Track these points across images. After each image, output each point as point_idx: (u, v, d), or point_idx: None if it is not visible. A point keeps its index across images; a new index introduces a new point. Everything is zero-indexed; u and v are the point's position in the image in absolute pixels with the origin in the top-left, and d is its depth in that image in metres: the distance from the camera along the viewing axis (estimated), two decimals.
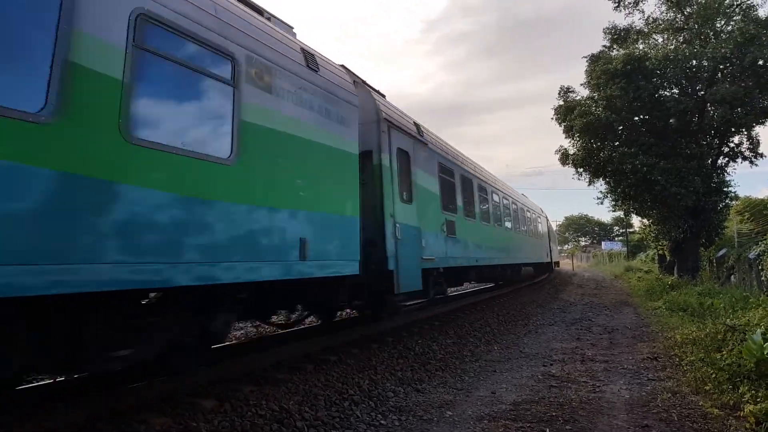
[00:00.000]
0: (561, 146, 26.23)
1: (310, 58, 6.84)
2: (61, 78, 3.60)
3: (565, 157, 25.76)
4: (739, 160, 24.20)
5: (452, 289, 15.81)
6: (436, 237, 10.71)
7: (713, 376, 6.25)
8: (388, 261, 8.23)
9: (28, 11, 3.53)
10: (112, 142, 3.93)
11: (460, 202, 12.83)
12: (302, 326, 9.96)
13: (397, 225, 8.71)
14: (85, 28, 3.80)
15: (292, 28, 7.27)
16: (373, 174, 8.53)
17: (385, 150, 8.81)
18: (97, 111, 3.85)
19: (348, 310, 11.48)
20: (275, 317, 9.64)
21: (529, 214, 24.27)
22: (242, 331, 9.98)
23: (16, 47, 3.48)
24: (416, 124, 10.89)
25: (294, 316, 9.75)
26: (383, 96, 9.94)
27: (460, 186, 13.05)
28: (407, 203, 9.37)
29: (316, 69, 6.89)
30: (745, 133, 23.48)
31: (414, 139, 10.23)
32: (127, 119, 4.06)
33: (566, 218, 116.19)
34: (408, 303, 9.34)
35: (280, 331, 9.42)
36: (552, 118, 25.77)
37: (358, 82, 8.95)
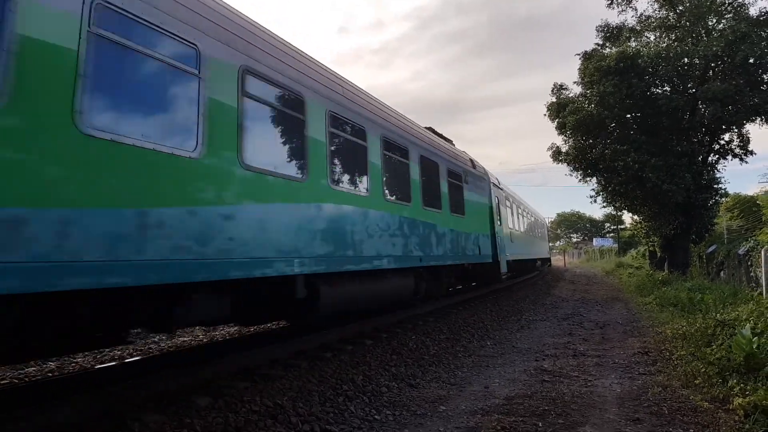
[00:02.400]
0: (553, 143, 26.38)
1: (472, 162, 14.83)
2: None
3: (557, 155, 25.89)
4: (730, 157, 24.41)
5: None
6: (508, 243, 18.12)
7: (703, 370, 6.33)
8: (498, 255, 15.72)
9: None
10: None
11: (515, 220, 21.32)
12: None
13: (497, 237, 15.86)
14: None
15: (451, 141, 14.57)
16: (489, 212, 15.83)
17: (493, 199, 16.31)
18: None
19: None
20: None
21: (539, 222, 33.40)
22: (235, 328, 9.98)
23: None
24: (497, 179, 18.18)
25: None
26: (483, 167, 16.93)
27: (512, 210, 20.65)
28: (498, 225, 16.52)
29: (474, 167, 14.96)
30: (736, 130, 23.68)
31: (498, 189, 17.82)
32: None
33: (558, 215, 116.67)
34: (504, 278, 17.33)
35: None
36: (545, 115, 25.90)
37: (478, 165, 15.86)
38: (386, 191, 8.69)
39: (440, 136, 13.76)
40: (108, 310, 4.52)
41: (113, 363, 7.01)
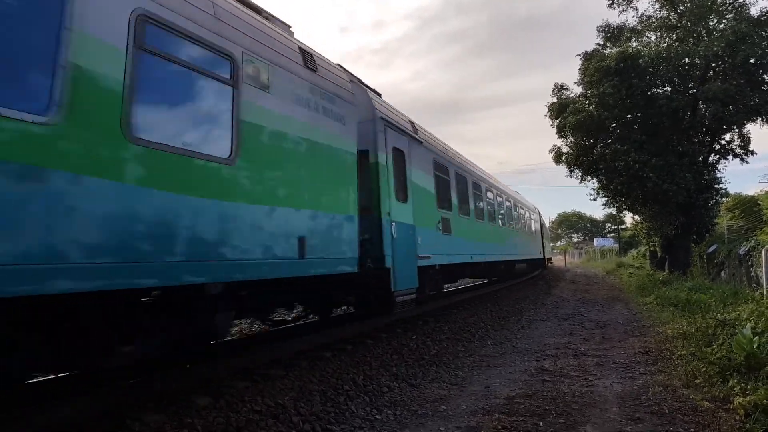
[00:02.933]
0: (554, 145, 26.41)
1: (308, 58, 6.91)
2: None
3: (558, 157, 25.91)
4: (730, 157, 24.48)
5: (446, 285, 16.04)
6: (432, 235, 10.80)
7: (704, 369, 6.33)
8: (385, 259, 8.28)
9: None
10: None
11: (455, 199, 12.86)
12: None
13: (393, 223, 8.70)
14: None
15: (290, 26, 7.30)
16: (369, 173, 8.49)
17: (382, 149, 8.80)
18: None
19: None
20: None
21: (522, 211, 24.37)
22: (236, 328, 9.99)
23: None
24: (411, 123, 10.97)
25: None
26: (379, 95, 9.95)
27: (455, 183, 13.08)
28: (402, 202, 9.38)
29: (315, 69, 6.96)
30: (736, 130, 23.73)
31: (409, 138, 10.27)
32: None
33: (559, 215, 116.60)
34: (404, 299, 8.75)
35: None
36: (545, 116, 25.93)
37: (355, 81, 8.88)
38: None
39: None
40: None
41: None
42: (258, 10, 6.59)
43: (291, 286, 6.61)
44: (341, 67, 8.42)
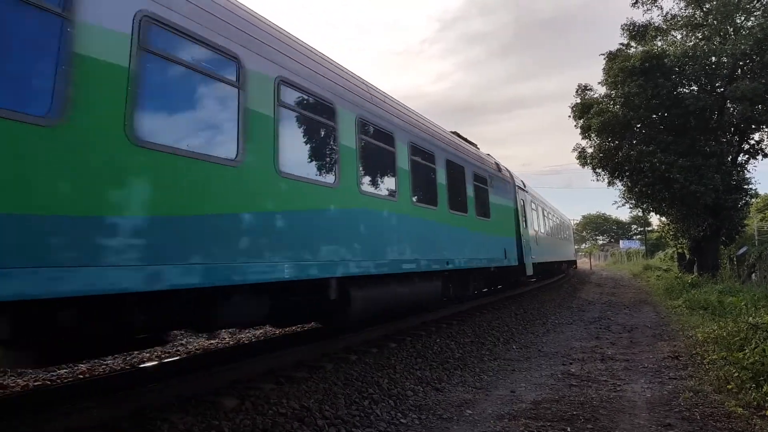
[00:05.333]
0: (578, 144, 26.06)
1: (497, 165, 15.07)
2: None
3: (583, 158, 25.59)
4: (760, 157, 23.93)
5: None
6: (533, 245, 17.85)
7: (736, 375, 6.17)
8: (524, 258, 15.71)
9: None
10: None
11: (540, 222, 21.05)
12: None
13: (522, 240, 15.83)
14: None
15: (476, 145, 14.71)
16: (514, 215, 15.77)
17: (518, 201, 16.30)
18: None
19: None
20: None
21: (562, 223, 31.93)
22: (261, 331, 10.05)
23: None
24: (522, 182, 17.98)
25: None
26: (509, 170, 16.76)
27: (537, 213, 20.64)
28: (525, 227, 16.56)
29: (500, 170, 14.98)
30: (766, 130, 23.16)
31: (524, 191, 17.65)
32: None
33: (584, 217, 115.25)
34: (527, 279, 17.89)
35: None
36: (569, 116, 25.63)
37: (503, 167, 16.04)
38: (413, 195, 8.86)
39: (465, 140, 13.75)
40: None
41: (142, 365, 7.12)
42: (475, 144, 14.65)
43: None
44: (491, 157, 15.50)
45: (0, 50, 3.32)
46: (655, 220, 55.40)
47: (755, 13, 22.74)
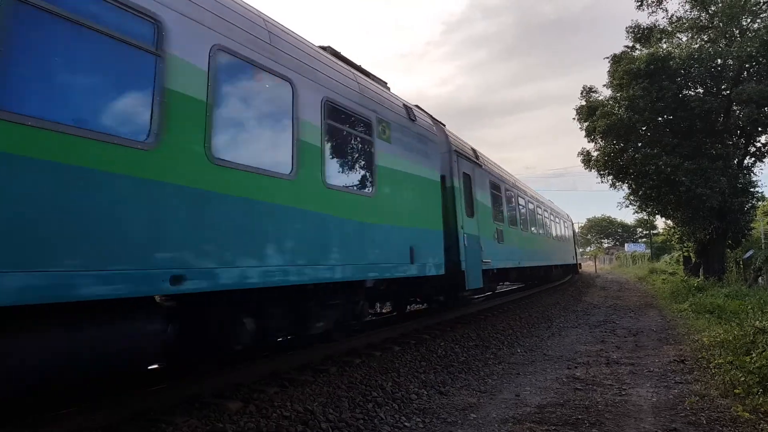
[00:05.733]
0: (583, 148, 26.03)
1: (407, 110, 9.25)
2: None
3: (587, 161, 25.53)
4: (767, 160, 23.78)
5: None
6: (491, 243, 12.81)
7: (743, 379, 6.13)
8: (460, 264, 10.22)
9: None
10: None
11: (506, 212, 15.08)
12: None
13: (465, 235, 10.73)
14: None
15: (386, 83, 9.40)
16: (446, 195, 10.48)
17: (456, 175, 10.97)
18: None
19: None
20: None
21: (558, 220, 26.44)
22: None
23: None
24: (473, 150, 13.08)
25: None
26: (444, 125, 11.76)
27: (505, 199, 15.25)
28: (470, 217, 11.41)
29: (414, 119, 9.32)
30: None
31: (473, 163, 12.46)
32: None
33: (588, 220, 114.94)
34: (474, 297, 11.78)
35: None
36: (574, 119, 25.60)
37: (436, 122, 11.06)
38: None
39: (353, 65, 8.49)
40: None
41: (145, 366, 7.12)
42: (384, 83, 9.29)
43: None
44: (420, 108, 10.38)
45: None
46: (660, 223, 55.23)
47: (761, 15, 22.66)
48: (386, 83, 9.40)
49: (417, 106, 10.19)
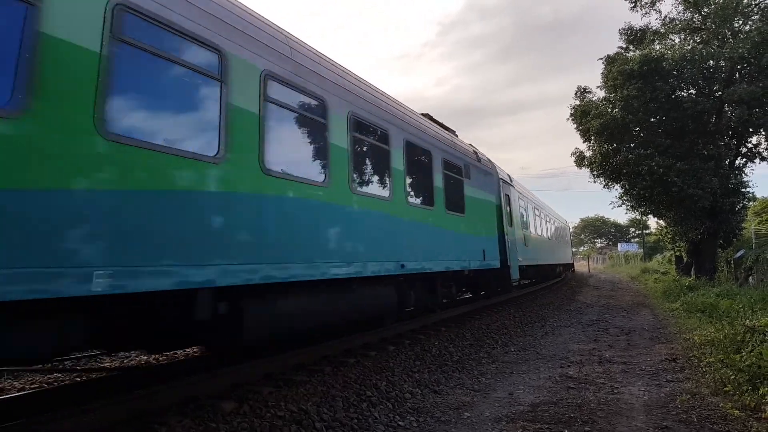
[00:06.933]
0: (577, 149, 26.11)
1: (476, 154, 13.33)
2: None
3: (581, 160, 25.62)
4: (758, 160, 23.99)
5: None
6: (521, 246, 16.75)
7: (733, 377, 6.20)
8: (507, 260, 14.10)
9: None
10: None
11: (529, 222, 19.40)
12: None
13: (508, 239, 14.51)
14: None
15: (455, 132, 13.40)
16: (498, 211, 14.25)
17: (501, 197, 14.78)
18: None
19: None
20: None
21: (560, 225, 31.53)
22: None
23: None
24: (509, 176, 16.65)
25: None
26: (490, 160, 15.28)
27: (531, 212, 19.82)
28: (510, 226, 15.11)
29: (479, 161, 13.29)
30: (764, 133, 23.16)
31: (509, 186, 16.13)
32: None
33: (582, 220, 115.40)
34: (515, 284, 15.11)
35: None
36: (568, 119, 25.65)
37: (488, 159, 14.66)
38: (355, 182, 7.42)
39: (440, 124, 12.37)
40: None
41: (138, 368, 7.12)
42: (452, 131, 13.13)
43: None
44: (474, 148, 14.05)
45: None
46: (653, 223, 55.55)
47: (753, 17, 22.82)
48: (455, 132, 13.43)
49: (476, 151, 13.78)
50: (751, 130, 22.57)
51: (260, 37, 5.85)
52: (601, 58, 24.70)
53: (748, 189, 23.68)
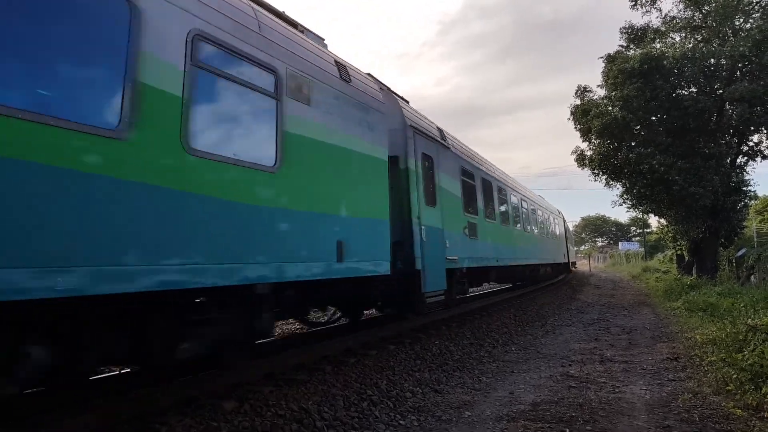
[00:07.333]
0: (577, 147, 26.04)
1: (342, 70, 7.19)
2: None
3: (581, 159, 25.56)
4: (759, 158, 23.90)
5: (472, 289, 16.27)
6: (459, 238, 10.95)
7: (735, 376, 6.17)
8: (415, 261, 8.50)
9: None
10: None
11: (481, 204, 13.08)
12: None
13: (423, 227, 8.92)
14: None
15: (323, 39, 7.57)
16: (399, 178, 8.74)
17: (411, 155, 9.06)
18: None
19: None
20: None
21: (546, 215, 24.76)
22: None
23: None
24: (439, 129, 11.21)
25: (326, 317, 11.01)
26: (407, 102, 10.20)
27: (481, 188, 13.29)
28: (431, 206, 9.59)
29: (348, 80, 7.22)
30: (765, 131, 23.13)
31: (438, 144, 10.54)
32: None
33: (583, 219, 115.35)
34: (433, 300, 9.11)
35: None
36: (568, 119, 25.56)
37: (384, 90, 9.17)
38: None
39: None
40: None
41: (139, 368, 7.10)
42: (294, 24, 6.88)
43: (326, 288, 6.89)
44: (371, 76, 8.74)
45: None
46: (654, 221, 55.53)
47: (754, 15, 22.76)
48: (323, 39, 7.60)
49: (369, 74, 8.70)
50: (752, 128, 22.51)
51: None
52: (602, 57, 24.61)
53: (749, 187, 23.68)
